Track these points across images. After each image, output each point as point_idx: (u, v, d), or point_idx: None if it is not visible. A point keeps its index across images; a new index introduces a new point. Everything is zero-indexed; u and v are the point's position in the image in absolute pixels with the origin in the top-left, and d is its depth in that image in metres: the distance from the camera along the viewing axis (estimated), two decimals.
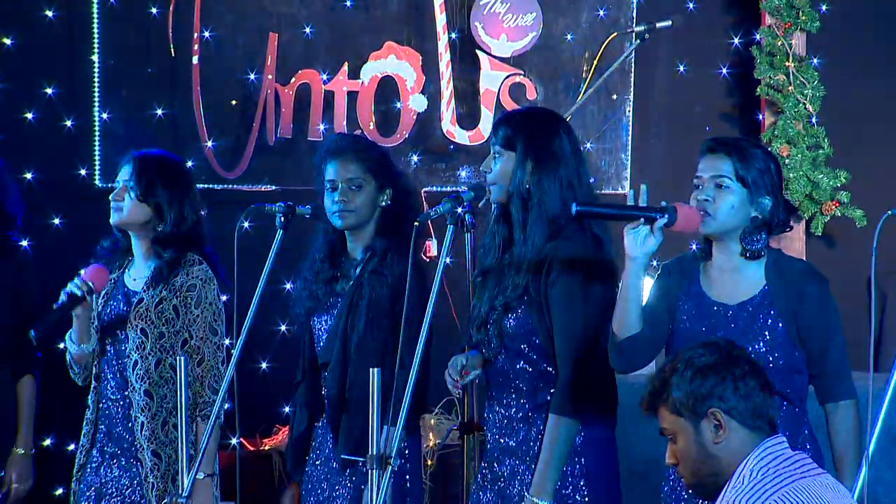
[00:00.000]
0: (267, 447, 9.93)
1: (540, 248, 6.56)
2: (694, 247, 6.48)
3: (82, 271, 7.35)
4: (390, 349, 6.71)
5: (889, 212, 5.76)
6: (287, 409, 7.97)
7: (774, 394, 5.19)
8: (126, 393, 7.45)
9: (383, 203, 7.21)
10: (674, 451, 5.10)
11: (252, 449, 9.89)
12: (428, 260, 7.02)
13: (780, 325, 6.21)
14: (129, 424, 7.45)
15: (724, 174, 6.22)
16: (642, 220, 6.08)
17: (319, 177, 7.32)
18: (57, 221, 10.28)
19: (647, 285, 6.46)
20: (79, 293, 7.31)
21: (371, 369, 6.22)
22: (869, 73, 10.64)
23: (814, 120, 10.24)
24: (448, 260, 6.38)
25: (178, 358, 6.94)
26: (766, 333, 6.22)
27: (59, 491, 8.88)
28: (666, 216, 6.08)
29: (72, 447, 7.70)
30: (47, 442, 9.83)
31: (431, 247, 7.83)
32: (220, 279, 7.53)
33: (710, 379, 5.01)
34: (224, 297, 7.62)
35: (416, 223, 6.43)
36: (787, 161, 10.12)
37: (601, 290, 6.52)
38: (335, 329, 7.19)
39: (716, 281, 6.35)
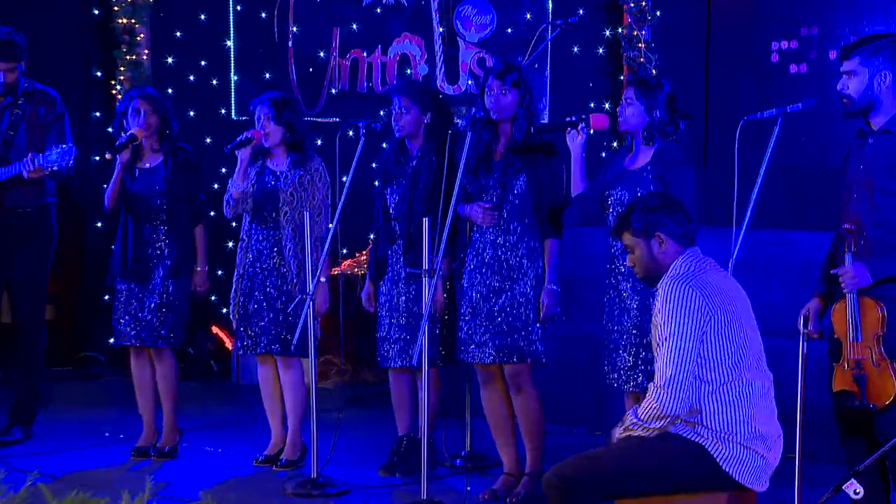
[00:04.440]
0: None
1: (531, 141, 6.77)
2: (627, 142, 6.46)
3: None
4: (434, 208, 6.72)
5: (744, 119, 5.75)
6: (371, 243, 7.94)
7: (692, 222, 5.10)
8: (276, 233, 7.39)
9: (426, 121, 7.12)
10: (632, 258, 5.11)
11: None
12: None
13: (655, 181, 6.24)
14: (276, 247, 7.38)
15: (630, 96, 6.25)
16: (569, 128, 6.44)
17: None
18: (209, 140, 10.14)
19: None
20: (249, 136, 7.37)
21: (424, 218, 6.34)
22: (684, 48, 10.48)
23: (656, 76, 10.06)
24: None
25: (303, 213, 7.06)
26: (643, 188, 6.22)
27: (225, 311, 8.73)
28: (583, 124, 6.40)
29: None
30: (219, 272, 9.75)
31: None
32: None
33: (656, 213, 4.94)
34: None
35: (448, 132, 7.04)
36: None
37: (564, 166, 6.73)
38: (403, 195, 7.21)
39: (631, 158, 6.32)
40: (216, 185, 9.59)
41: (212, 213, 8.37)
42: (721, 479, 4.75)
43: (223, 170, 9.49)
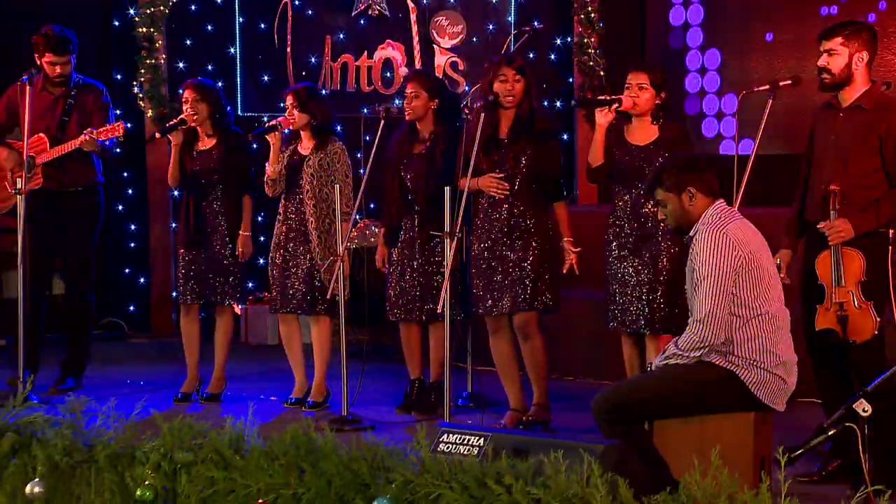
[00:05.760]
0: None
1: (534, 123, 6.57)
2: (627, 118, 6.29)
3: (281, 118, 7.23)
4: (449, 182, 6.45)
5: None
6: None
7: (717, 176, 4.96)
8: (302, 207, 7.15)
9: (433, 106, 6.93)
10: (664, 212, 4.95)
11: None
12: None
13: (666, 154, 6.03)
14: (303, 219, 7.18)
15: (643, 81, 6.07)
16: (607, 105, 6.01)
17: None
18: None
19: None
20: (275, 123, 7.15)
21: (445, 188, 6.12)
22: (623, 54, 10.22)
23: (603, 79, 9.87)
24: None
25: (335, 187, 6.92)
26: (659, 159, 6.02)
27: (261, 261, 8.55)
28: (618, 103, 5.98)
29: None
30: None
31: None
32: None
33: (686, 171, 4.81)
34: None
35: (457, 123, 6.97)
36: (590, 98, 9.82)
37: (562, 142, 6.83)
38: (419, 172, 7.03)
39: (633, 134, 6.25)
40: None
41: None
42: (748, 401, 4.67)
43: None
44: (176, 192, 9.85)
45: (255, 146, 8.59)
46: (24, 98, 7.26)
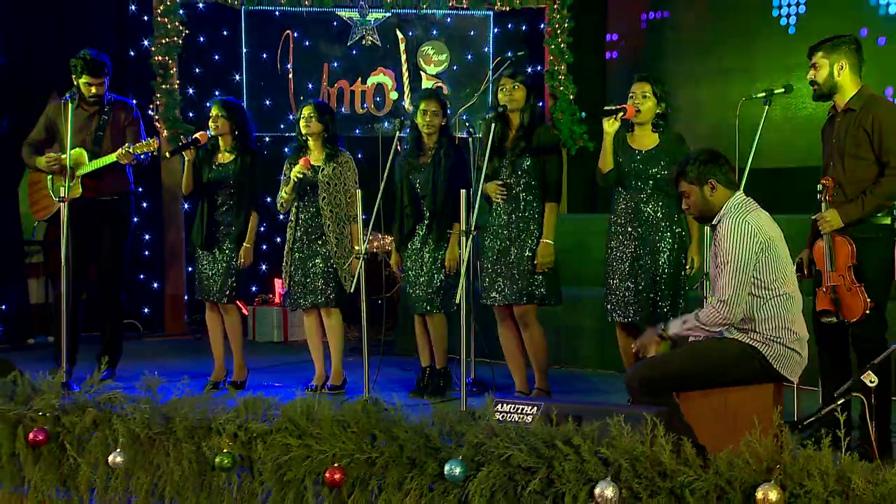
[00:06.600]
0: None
1: (536, 131, 6.47)
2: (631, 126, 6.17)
3: (302, 161, 7.01)
4: (455, 187, 6.37)
5: None
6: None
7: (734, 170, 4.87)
8: (319, 212, 7.03)
9: (443, 122, 6.80)
10: (688, 202, 4.84)
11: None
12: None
13: (667, 159, 5.94)
14: (317, 225, 7.03)
15: (646, 91, 5.94)
16: (613, 114, 5.90)
17: (416, 107, 7.04)
18: None
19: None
20: (309, 168, 6.99)
21: (461, 190, 5.93)
22: (590, 83, 10.23)
23: (571, 103, 9.86)
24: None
25: (356, 190, 6.76)
26: (661, 163, 5.93)
27: (263, 267, 8.31)
28: (622, 111, 5.81)
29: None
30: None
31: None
32: None
33: (708, 164, 4.71)
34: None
35: (458, 135, 7.10)
36: (560, 119, 9.77)
37: (560, 150, 6.56)
38: (428, 178, 6.89)
39: (636, 139, 6.10)
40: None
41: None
42: (768, 374, 4.59)
43: None
44: (186, 205, 9.70)
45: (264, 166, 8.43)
46: (65, 115, 7.07)
